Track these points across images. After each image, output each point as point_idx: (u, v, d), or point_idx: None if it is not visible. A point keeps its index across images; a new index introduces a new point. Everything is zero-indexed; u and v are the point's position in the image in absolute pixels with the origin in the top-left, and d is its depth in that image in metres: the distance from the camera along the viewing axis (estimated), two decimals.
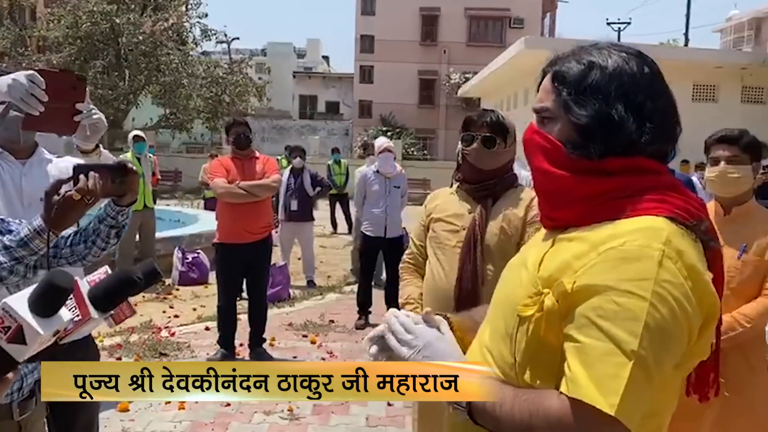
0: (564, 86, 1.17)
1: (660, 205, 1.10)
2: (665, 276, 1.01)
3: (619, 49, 1.20)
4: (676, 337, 1.03)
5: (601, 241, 1.07)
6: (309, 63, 56.22)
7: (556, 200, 1.21)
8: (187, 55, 23.67)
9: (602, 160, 1.14)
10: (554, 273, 1.11)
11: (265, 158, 5.29)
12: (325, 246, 11.22)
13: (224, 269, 5.19)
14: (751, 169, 2.54)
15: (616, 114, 1.13)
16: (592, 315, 1.02)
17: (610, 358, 0.99)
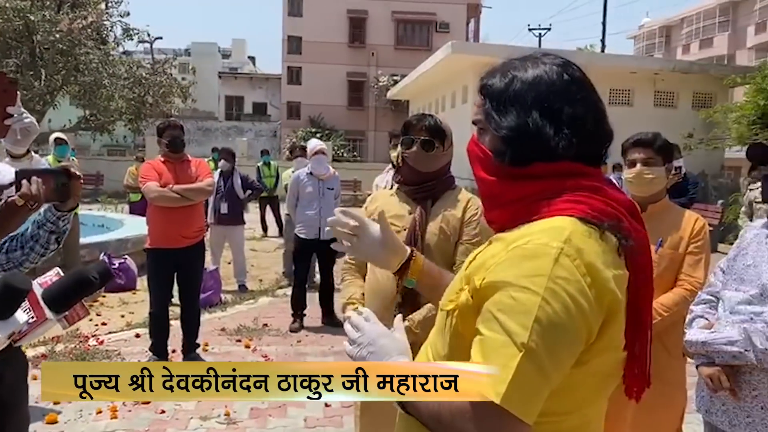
0: (488, 98, 1.24)
1: (574, 205, 1.15)
2: (560, 273, 1.05)
3: (548, 59, 1.25)
4: (571, 332, 1.05)
5: (512, 241, 1.13)
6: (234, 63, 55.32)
7: (490, 203, 1.28)
8: (107, 54, 22.79)
9: (529, 166, 1.19)
10: (473, 271, 1.17)
11: (198, 161, 5.22)
12: (256, 249, 11.10)
13: (156, 275, 5.08)
14: (664, 170, 2.74)
15: (532, 122, 1.18)
16: (493, 309, 1.07)
17: (503, 349, 1.03)
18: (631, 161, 2.75)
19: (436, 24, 34.48)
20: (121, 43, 24.38)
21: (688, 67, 18.45)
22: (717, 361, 2.07)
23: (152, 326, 5.07)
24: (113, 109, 23.11)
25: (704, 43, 42.89)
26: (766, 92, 13.37)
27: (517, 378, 1.00)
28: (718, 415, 2.12)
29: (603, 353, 1.11)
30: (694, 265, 2.65)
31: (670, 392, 2.62)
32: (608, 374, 1.17)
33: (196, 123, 34.08)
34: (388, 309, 2.38)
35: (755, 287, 2.04)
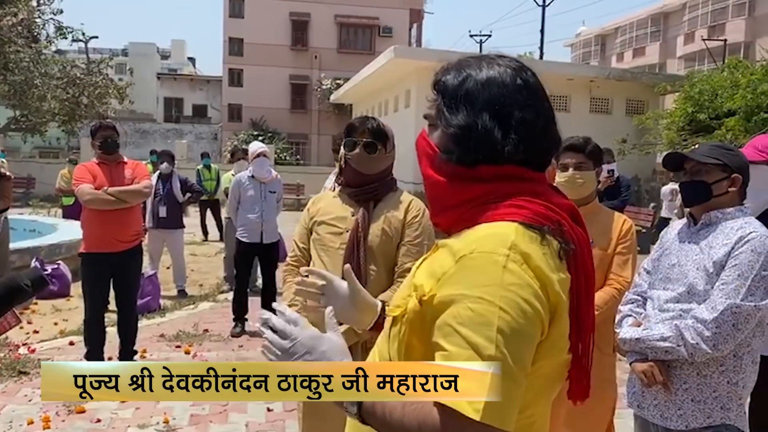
0: (441, 95, 1.23)
1: (517, 210, 1.15)
2: (511, 279, 1.05)
3: (503, 61, 1.24)
4: (531, 335, 1.06)
5: (459, 250, 1.11)
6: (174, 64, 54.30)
7: (436, 205, 1.26)
8: (39, 53, 21.98)
9: (474, 167, 1.18)
10: (424, 281, 1.15)
11: (135, 163, 5.08)
12: (196, 254, 10.90)
13: (91, 280, 4.91)
14: (594, 174, 2.84)
15: (481, 124, 1.17)
16: (453, 323, 1.06)
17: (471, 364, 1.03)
18: (564, 165, 2.84)
19: (379, 28, 34.64)
20: (53, 42, 23.56)
21: (621, 74, 19.12)
22: (650, 357, 2.16)
23: (87, 333, 4.91)
24: (45, 109, 22.31)
25: (637, 51, 44.57)
26: (693, 100, 14.00)
27: (500, 390, 1.00)
28: (650, 409, 2.20)
29: (549, 355, 1.12)
30: (622, 265, 2.75)
31: (602, 388, 2.71)
32: (553, 377, 1.18)
33: (133, 125, 33.21)
34: None
35: (682, 285, 2.14)
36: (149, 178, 5.04)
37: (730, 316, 1.98)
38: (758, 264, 2.00)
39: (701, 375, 2.09)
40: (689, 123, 14.20)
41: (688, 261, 2.16)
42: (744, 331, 2.00)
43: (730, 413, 2.07)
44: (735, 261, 2.02)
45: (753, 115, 12.59)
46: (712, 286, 2.05)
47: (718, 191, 2.17)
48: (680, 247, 2.23)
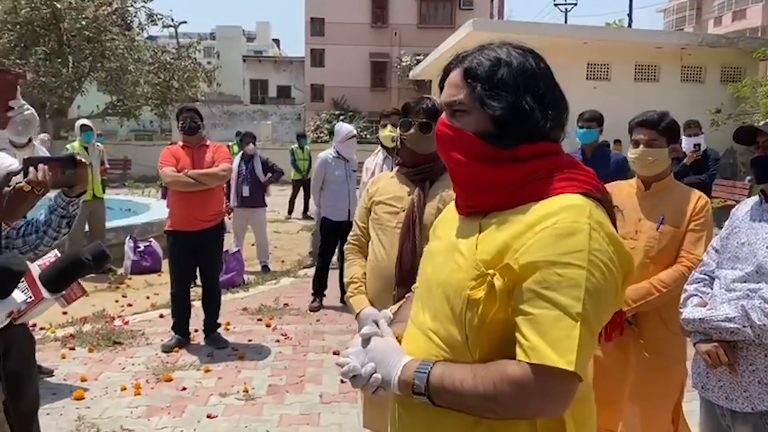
0: (477, 81, 1.28)
1: (572, 183, 1.25)
2: (595, 245, 1.16)
3: (515, 47, 1.32)
4: (610, 294, 1.19)
5: (536, 222, 1.20)
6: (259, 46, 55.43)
7: (475, 189, 1.32)
8: (132, 40, 23.09)
9: (515, 148, 1.27)
10: (496, 255, 1.21)
11: (216, 146, 5.31)
12: (279, 231, 11.26)
13: (175, 256, 5.22)
14: (667, 152, 2.74)
15: (527, 104, 1.26)
16: (537, 288, 1.15)
17: (559, 323, 1.13)
18: (635, 141, 2.77)
19: (460, 1, 34.05)
20: (145, 29, 24.64)
21: (716, 40, 17.97)
22: (714, 338, 2.10)
23: (173, 306, 5.23)
24: (139, 94, 23.46)
25: (737, 14, 41.73)
26: None
27: (580, 345, 1.12)
28: (715, 390, 2.15)
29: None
30: (694, 243, 2.66)
31: (668, 366, 2.67)
32: None
33: (222, 107, 34.28)
34: (388, 289, 2.46)
35: (751, 265, 2.06)
36: (229, 161, 5.24)
37: None
38: None
39: None
40: None
41: (758, 240, 2.08)
42: None
43: None
44: None
45: None
46: None
47: None
48: (750, 225, 2.14)
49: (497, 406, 1.17)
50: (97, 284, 6.91)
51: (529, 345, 1.15)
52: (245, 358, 4.89)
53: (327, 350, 5.10)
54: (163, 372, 4.54)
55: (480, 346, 1.23)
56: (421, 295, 1.41)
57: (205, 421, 3.84)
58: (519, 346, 1.17)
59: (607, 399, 2.69)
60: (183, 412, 3.96)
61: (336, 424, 3.84)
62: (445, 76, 1.37)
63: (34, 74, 18.98)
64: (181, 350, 5.04)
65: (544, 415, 1.20)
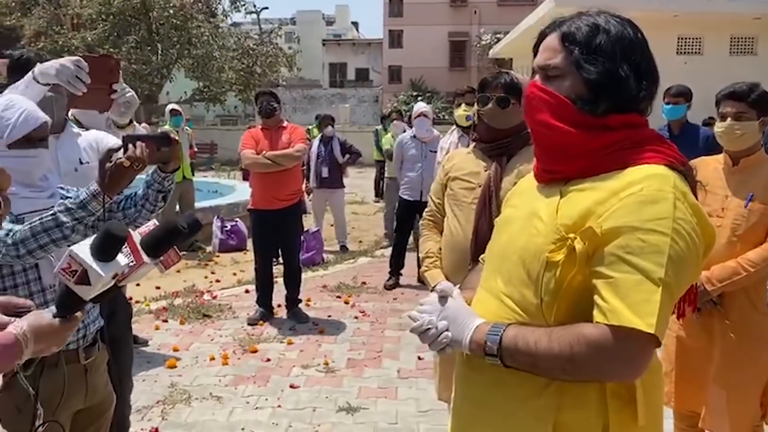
0: (575, 45, 1.29)
1: (656, 155, 1.27)
2: (679, 214, 1.18)
3: (613, 15, 1.33)
4: (691, 264, 1.21)
5: (620, 188, 1.22)
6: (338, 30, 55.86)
7: (560, 155, 1.33)
8: (217, 27, 23.78)
9: (605, 116, 1.28)
10: (578, 220, 1.24)
11: (293, 127, 5.46)
12: (357, 212, 11.43)
13: (257, 234, 5.45)
14: (757, 125, 2.61)
15: (623, 72, 1.27)
16: (620, 252, 1.18)
17: (640, 286, 1.15)
18: (723, 115, 2.66)
19: None
20: (229, 15, 25.30)
21: None
22: None
23: (258, 282, 5.45)
24: (224, 80, 24.13)
25: None
26: None
27: (661, 309, 1.14)
28: None
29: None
30: None
31: (757, 348, 2.57)
32: None
33: (302, 91, 34.92)
34: (463, 264, 2.48)
35: None
36: (304, 142, 5.37)
37: None
38: None
39: None
40: None
41: None
42: None
43: None
44: None
45: None
46: None
47: None
48: None
49: (572, 367, 1.19)
50: (187, 261, 7.26)
51: (608, 307, 1.16)
52: (325, 333, 5.05)
53: (404, 327, 5.17)
54: (249, 344, 4.75)
55: (555, 309, 1.25)
56: (493, 261, 1.44)
57: (288, 390, 4.00)
58: (597, 308, 1.19)
59: (692, 380, 2.63)
60: (267, 381, 4.14)
61: (413, 399, 3.91)
62: (539, 41, 1.39)
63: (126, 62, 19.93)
64: (265, 323, 5.25)
65: (619, 379, 1.22)
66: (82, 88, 2.01)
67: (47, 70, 2.04)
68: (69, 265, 1.22)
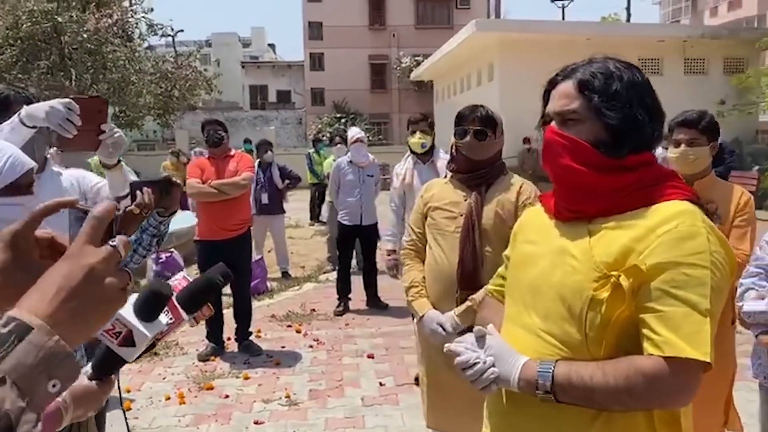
0: (594, 93, 1.36)
1: (676, 191, 1.36)
2: (713, 247, 1.27)
3: (618, 61, 1.41)
4: (726, 291, 1.30)
5: (655, 225, 1.29)
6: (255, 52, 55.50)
7: (585, 195, 1.38)
8: (134, 51, 23.15)
9: (624, 158, 1.36)
10: (618, 257, 1.29)
11: (240, 156, 5.40)
12: (293, 237, 11.31)
13: (205, 266, 5.30)
14: (708, 149, 2.81)
15: (640, 115, 1.35)
16: (666, 287, 1.25)
17: (689, 318, 1.22)
18: (677, 141, 2.83)
19: (456, 1, 34.17)
20: (145, 39, 24.70)
21: (717, 32, 18.10)
22: None
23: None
24: (142, 104, 23.50)
25: (732, 4, 41.88)
26: None
27: (711, 338, 1.22)
28: None
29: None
30: (740, 238, 2.72)
31: (723, 360, 2.72)
32: None
33: (222, 114, 34.35)
34: (450, 291, 2.53)
35: None
36: (251, 170, 5.31)
37: None
38: None
39: None
40: None
41: None
42: None
43: None
44: None
45: None
46: None
47: None
48: None
49: (629, 398, 1.25)
50: None
51: (662, 339, 1.23)
52: (282, 365, 4.96)
53: (361, 354, 5.17)
54: (204, 380, 4.61)
55: (601, 344, 1.29)
56: (523, 297, 1.47)
57: (253, 427, 3.91)
58: (648, 341, 1.25)
59: None
60: (230, 419, 4.02)
61: (381, 426, 3.90)
62: (550, 87, 1.45)
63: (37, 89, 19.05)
64: (217, 359, 5.11)
65: (672, 406, 1.29)
66: (72, 131, 1.93)
67: (36, 113, 1.95)
68: (113, 326, 1.17)
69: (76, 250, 0.73)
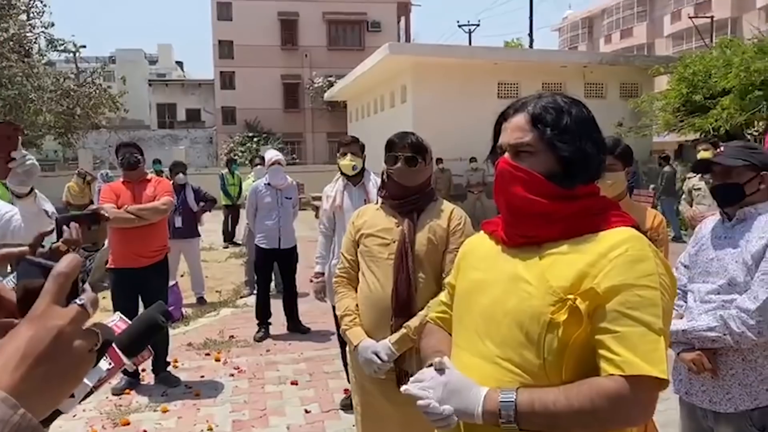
0: (546, 126, 1.42)
1: (620, 219, 1.43)
2: (660, 270, 1.34)
3: (565, 96, 1.48)
4: (672, 312, 1.37)
5: (606, 251, 1.34)
6: (162, 69, 54.11)
7: (537, 221, 1.43)
8: (32, 67, 21.94)
9: (574, 188, 1.43)
10: (574, 282, 1.33)
11: (157, 180, 5.19)
12: (207, 260, 10.97)
13: (119, 295, 5.03)
14: (623, 174, 2.97)
15: (589, 149, 1.42)
16: (621, 308, 1.29)
17: (646, 338, 1.27)
18: None
19: (368, 23, 34.66)
20: (45, 55, 23.50)
21: (614, 59, 19.19)
22: (697, 347, 2.29)
23: None
24: (41, 123, 22.31)
25: (625, 32, 44.66)
26: (687, 81, 14.12)
27: (666, 355, 1.28)
28: (699, 395, 2.34)
29: None
30: None
31: None
32: None
33: (128, 133, 33.12)
34: (384, 319, 2.52)
35: (722, 278, 2.27)
36: (171, 195, 5.12)
37: None
38: None
39: (746, 360, 2.23)
40: (684, 104, 14.31)
41: (726, 255, 2.29)
42: None
43: None
44: None
45: (747, 93, 12.70)
46: (752, 277, 2.19)
47: (750, 190, 2.31)
48: (717, 242, 2.36)
49: (594, 420, 1.27)
50: None
51: (621, 359, 1.27)
52: (201, 395, 4.78)
53: (284, 381, 5.06)
54: (119, 416, 4.37)
55: (559, 368, 1.32)
56: (477, 326, 1.47)
57: None
58: (607, 361, 1.29)
59: None
60: None
61: None
62: (501, 119, 1.50)
63: None
64: (132, 392, 4.86)
65: (635, 424, 1.33)
66: None
67: None
68: None
69: (40, 312, 0.67)
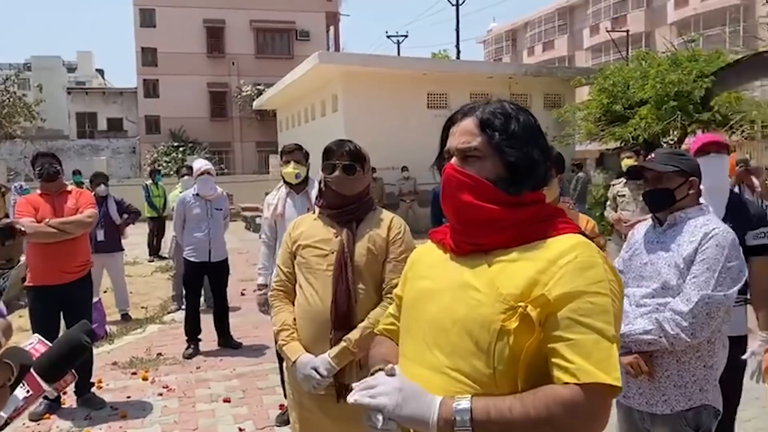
0: (495, 131, 1.39)
1: (567, 226, 1.41)
2: (610, 276, 1.33)
3: (512, 103, 1.47)
4: (622, 317, 1.37)
5: (555, 257, 1.32)
6: (81, 77, 52.16)
7: (485, 228, 1.39)
8: None
9: (521, 194, 1.40)
10: (525, 289, 1.30)
11: (79, 192, 4.93)
12: (131, 275, 10.55)
13: (39, 313, 4.72)
14: (556, 181, 3.02)
15: (536, 155, 1.40)
16: (574, 315, 1.27)
17: (599, 345, 1.26)
18: None
19: (296, 32, 34.45)
20: None
21: (538, 70, 19.75)
22: (634, 350, 2.32)
23: None
24: None
25: (547, 45, 46.16)
26: (607, 91, 14.65)
27: (618, 362, 1.26)
28: (636, 397, 2.37)
29: None
30: None
31: None
32: None
33: (45, 143, 31.58)
34: (323, 333, 2.43)
35: (656, 282, 2.32)
36: (94, 207, 4.87)
37: (704, 306, 2.18)
38: (723, 257, 2.21)
39: (680, 362, 2.27)
40: (605, 114, 14.84)
41: (659, 259, 2.34)
42: (717, 318, 2.20)
43: (708, 394, 2.27)
44: (703, 256, 2.23)
45: (663, 104, 13.28)
46: (684, 280, 2.24)
47: (681, 195, 2.37)
48: (649, 247, 2.42)
49: (550, 428, 1.24)
50: None
51: (576, 367, 1.24)
52: (128, 417, 4.55)
53: (216, 398, 4.88)
54: None
55: (510, 378, 1.29)
56: (424, 335, 1.42)
57: None
58: (560, 369, 1.25)
59: None
60: None
61: None
62: (449, 124, 1.47)
63: None
64: (53, 416, 4.58)
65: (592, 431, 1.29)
66: None
67: None
68: None
69: None
